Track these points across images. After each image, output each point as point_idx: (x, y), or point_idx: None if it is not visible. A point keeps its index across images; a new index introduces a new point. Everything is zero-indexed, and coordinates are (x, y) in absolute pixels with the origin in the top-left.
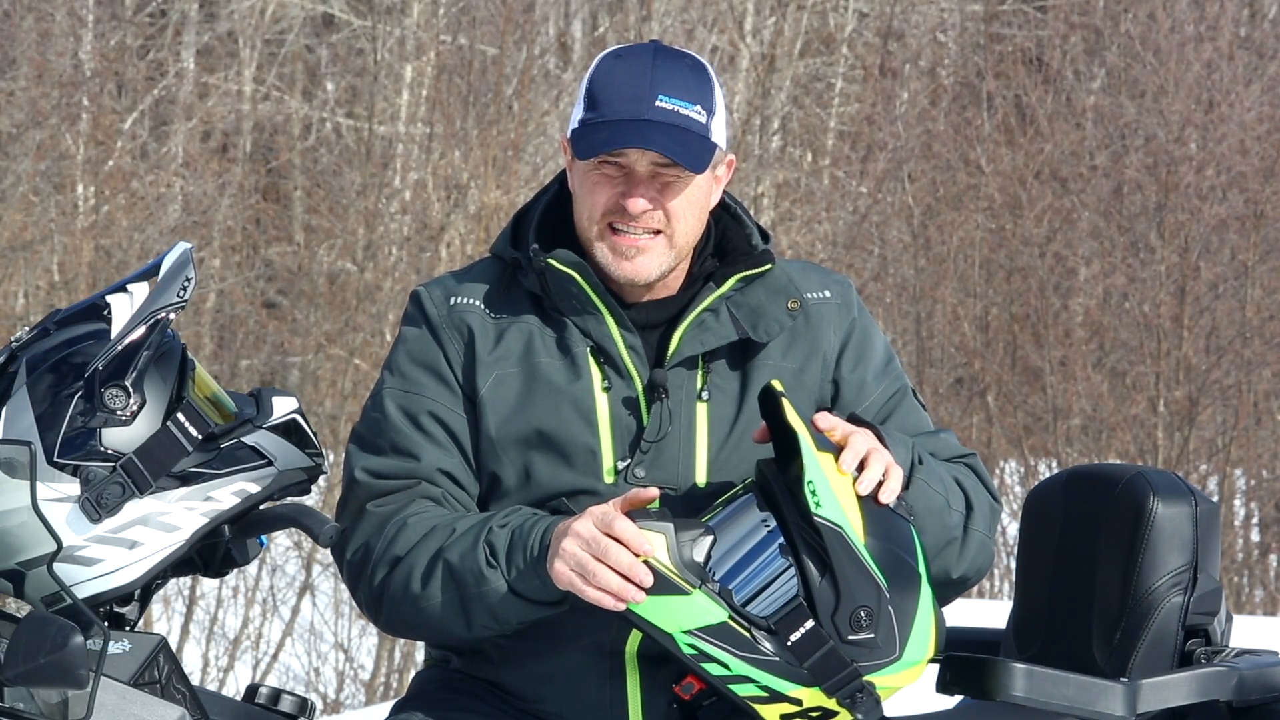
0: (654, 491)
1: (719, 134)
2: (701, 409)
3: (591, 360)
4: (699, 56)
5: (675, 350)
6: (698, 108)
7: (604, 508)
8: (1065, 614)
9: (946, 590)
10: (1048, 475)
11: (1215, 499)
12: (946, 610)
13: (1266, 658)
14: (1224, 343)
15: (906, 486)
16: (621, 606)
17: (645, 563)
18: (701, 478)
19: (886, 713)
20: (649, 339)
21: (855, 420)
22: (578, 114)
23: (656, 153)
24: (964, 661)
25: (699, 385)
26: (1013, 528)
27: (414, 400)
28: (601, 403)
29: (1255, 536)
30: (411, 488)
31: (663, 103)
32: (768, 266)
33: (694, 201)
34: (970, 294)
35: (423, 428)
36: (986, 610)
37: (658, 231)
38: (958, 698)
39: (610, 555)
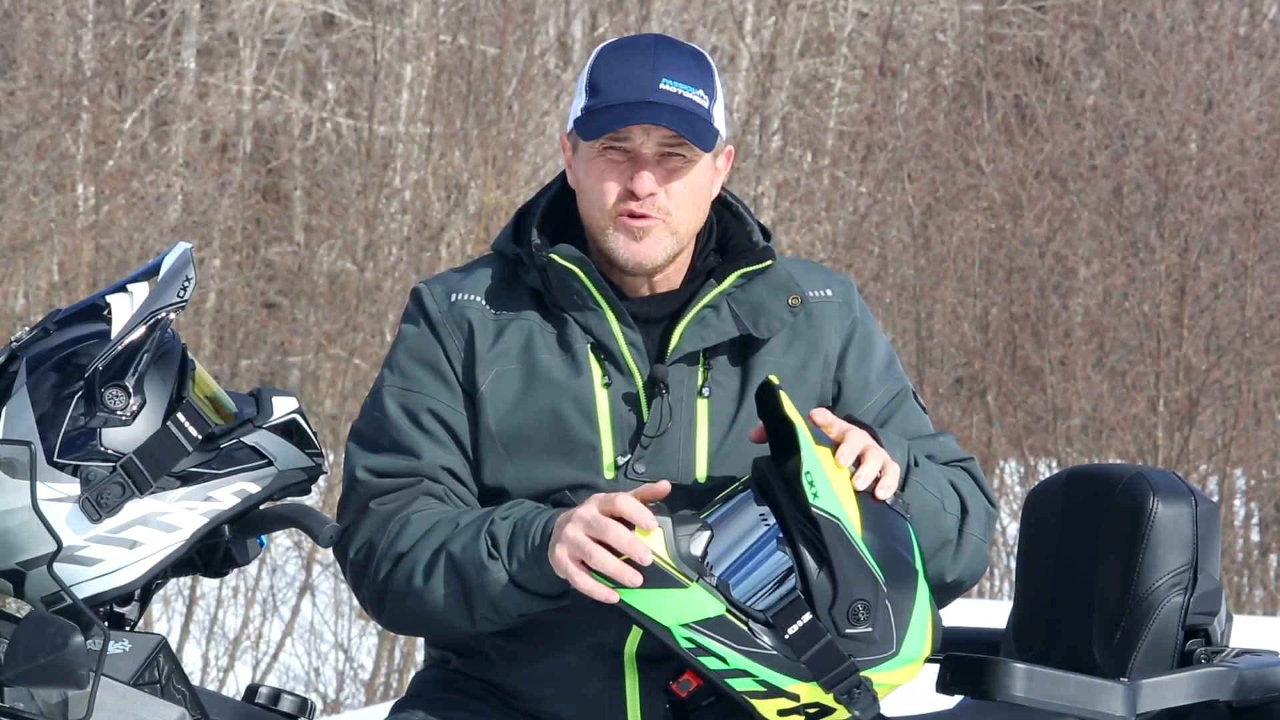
0: (665, 486)
1: (720, 121)
2: (702, 405)
3: (592, 356)
4: (699, 47)
5: (676, 346)
6: (700, 92)
7: (609, 493)
8: (1065, 614)
9: (941, 594)
10: (1048, 475)
11: (1215, 499)
12: (946, 610)
13: (1266, 658)
14: (1224, 343)
15: (902, 488)
16: (615, 598)
17: None
18: (702, 473)
19: (886, 713)
20: (650, 335)
21: (851, 421)
22: (580, 103)
23: (664, 130)
24: (964, 661)
25: (700, 381)
26: (1013, 528)
27: (414, 398)
28: (602, 399)
29: (1255, 536)
30: (414, 485)
31: (666, 85)
32: (768, 263)
33: (696, 189)
34: (970, 294)
35: (422, 425)
36: (986, 610)
37: (661, 219)
38: (958, 698)
39: (609, 534)
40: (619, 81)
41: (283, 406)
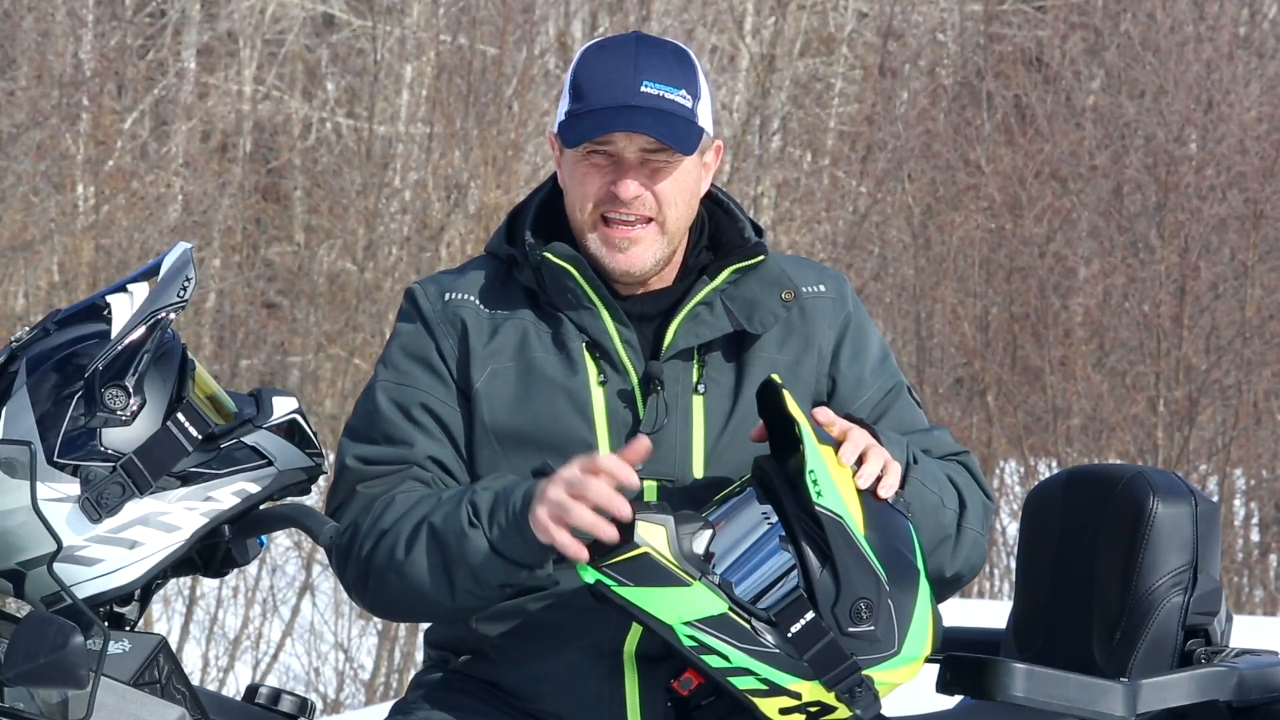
0: (647, 443)
1: (705, 119)
2: (698, 401)
3: (587, 355)
4: (681, 44)
5: (671, 343)
6: (682, 92)
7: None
8: (1065, 614)
9: (941, 588)
10: (1048, 475)
11: (1215, 499)
12: (945, 609)
13: (1266, 658)
14: (1224, 343)
15: (902, 486)
16: (585, 555)
17: (645, 554)
18: (699, 470)
19: (886, 713)
20: (644, 332)
21: (850, 419)
22: (564, 107)
23: (644, 137)
24: (964, 661)
25: (695, 378)
26: (1013, 528)
27: (406, 393)
28: (597, 397)
29: (1255, 536)
30: (402, 471)
31: (647, 88)
32: (760, 258)
33: (684, 187)
34: (970, 294)
35: (415, 419)
36: (986, 610)
37: (649, 219)
38: (958, 698)
39: (589, 489)
40: (600, 85)
41: (283, 406)
